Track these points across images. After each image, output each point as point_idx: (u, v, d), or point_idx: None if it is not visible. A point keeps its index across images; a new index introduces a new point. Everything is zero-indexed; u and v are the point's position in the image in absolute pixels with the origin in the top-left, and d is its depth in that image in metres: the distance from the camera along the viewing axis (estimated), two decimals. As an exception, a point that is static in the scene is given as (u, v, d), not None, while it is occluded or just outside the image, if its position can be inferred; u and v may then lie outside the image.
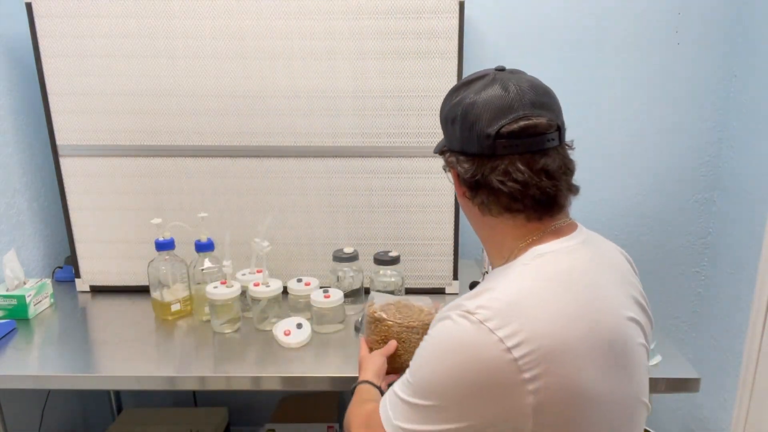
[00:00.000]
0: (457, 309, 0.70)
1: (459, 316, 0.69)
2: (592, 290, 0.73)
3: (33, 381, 1.22)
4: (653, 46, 1.66)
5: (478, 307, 0.68)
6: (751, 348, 1.53)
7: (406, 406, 0.73)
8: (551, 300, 0.69)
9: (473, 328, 0.67)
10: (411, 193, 1.52)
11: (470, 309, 0.68)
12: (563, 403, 0.66)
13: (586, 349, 0.68)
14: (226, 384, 1.21)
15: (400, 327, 1.08)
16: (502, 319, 0.67)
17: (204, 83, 1.45)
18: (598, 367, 0.69)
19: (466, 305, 0.69)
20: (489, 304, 0.68)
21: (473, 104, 0.76)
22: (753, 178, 1.58)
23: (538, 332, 0.66)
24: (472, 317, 0.68)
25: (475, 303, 0.69)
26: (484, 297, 0.70)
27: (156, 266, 1.42)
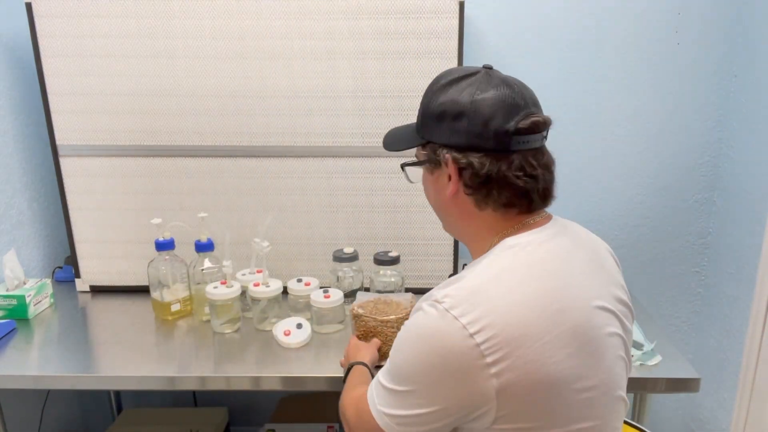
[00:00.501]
0: (428, 299, 0.74)
1: (428, 305, 0.73)
2: (559, 278, 0.76)
3: (33, 381, 1.22)
4: (653, 46, 1.66)
5: (445, 296, 0.72)
6: (751, 348, 1.53)
7: (385, 391, 0.77)
8: (515, 287, 0.73)
9: (439, 315, 0.71)
10: (411, 193, 1.52)
11: (438, 298, 0.72)
12: (526, 386, 0.69)
13: (549, 335, 0.71)
14: (226, 384, 1.21)
15: (376, 321, 1.19)
16: (466, 306, 0.70)
17: (204, 83, 1.45)
18: (562, 353, 0.71)
19: (435, 295, 0.73)
20: (455, 293, 0.72)
21: (484, 100, 0.77)
22: (753, 178, 1.58)
23: (500, 318, 0.69)
24: (439, 306, 0.71)
25: (443, 292, 0.73)
26: (452, 286, 0.73)
27: (156, 266, 1.42)
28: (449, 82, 0.81)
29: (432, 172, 0.83)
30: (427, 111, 0.82)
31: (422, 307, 0.74)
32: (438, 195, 0.84)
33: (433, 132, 0.82)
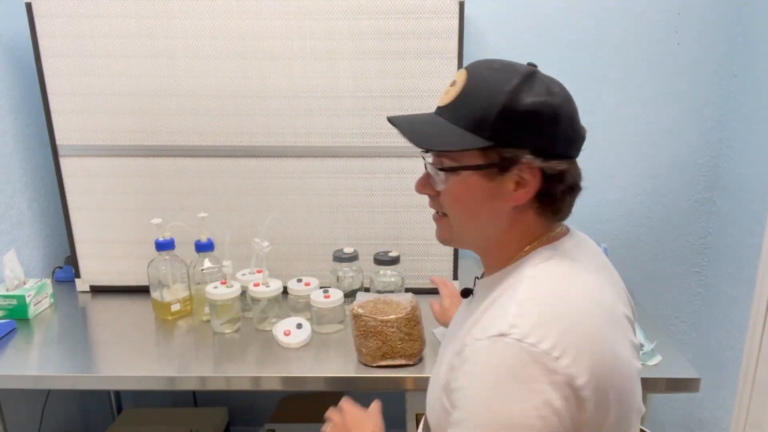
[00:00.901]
0: (492, 332, 0.66)
1: (494, 340, 0.65)
2: (605, 287, 0.75)
3: (33, 381, 1.22)
4: (653, 46, 1.66)
5: (512, 327, 0.65)
6: (751, 348, 1.53)
7: None
8: (581, 300, 0.70)
9: (516, 347, 0.64)
10: (411, 193, 1.50)
11: (503, 330, 0.65)
12: (613, 392, 0.66)
13: (620, 345, 0.70)
14: (226, 384, 1.21)
15: (376, 321, 1.18)
16: (542, 332, 0.64)
17: (204, 83, 1.45)
18: (631, 360, 0.72)
19: (500, 327, 0.66)
20: (522, 321, 0.65)
21: (569, 103, 0.73)
22: (753, 178, 1.58)
23: (576, 337, 0.65)
24: (509, 338, 0.64)
25: (507, 322, 0.66)
26: (513, 312, 0.67)
27: (156, 266, 1.42)
28: (525, 78, 0.71)
29: (493, 178, 0.72)
30: (504, 110, 0.70)
31: (490, 341, 0.65)
32: (489, 202, 0.74)
33: (511, 134, 0.70)
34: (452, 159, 0.74)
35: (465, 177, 0.73)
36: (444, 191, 0.76)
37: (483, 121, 0.70)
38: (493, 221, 0.76)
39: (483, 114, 0.71)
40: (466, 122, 0.72)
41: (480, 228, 0.77)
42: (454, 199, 0.76)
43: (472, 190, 0.74)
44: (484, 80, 0.72)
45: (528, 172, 0.71)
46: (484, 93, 0.71)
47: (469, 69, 0.75)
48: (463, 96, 0.73)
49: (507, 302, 0.70)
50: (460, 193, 0.75)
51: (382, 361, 1.21)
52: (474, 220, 0.76)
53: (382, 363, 1.21)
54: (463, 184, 0.74)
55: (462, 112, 0.72)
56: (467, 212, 0.76)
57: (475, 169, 0.72)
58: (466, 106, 0.72)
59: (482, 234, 0.78)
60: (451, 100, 0.74)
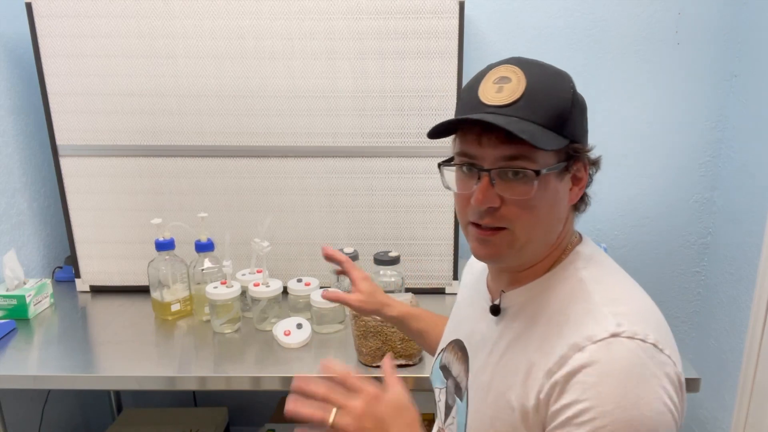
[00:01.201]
0: (600, 335, 0.63)
1: (611, 341, 0.62)
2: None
3: (33, 381, 1.22)
4: (653, 46, 1.66)
5: (619, 326, 0.63)
6: (751, 348, 1.53)
7: None
8: (641, 298, 0.71)
9: (632, 344, 0.62)
10: (411, 193, 1.52)
11: (614, 331, 0.62)
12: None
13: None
14: (226, 384, 1.21)
15: (376, 321, 1.17)
16: (643, 327, 0.64)
17: (204, 83, 1.45)
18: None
19: (606, 328, 0.63)
20: (624, 320, 0.64)
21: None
22: (753, 178, 1.58)
23: (662, 330, 0.66)
24: (624, 336, 0.62)
25: (612, 322, 0.63)
26: (608, 312, 0.65)
27: (156, 266, 1.42)
28: (562, 71, 0.71)
29: (562, 177, 0.70)
30: (574, 106, 0.68)
31: (601, 348, 0.62)
32: (558, 204, 0.71)
33: (575, 129, 0.69)
34: (531, 161, 0.66)
35: (546, 179, 0.67)
36: (523, 199, 0.67)
37: (559, 118, 0.67)
38: (557, 225, 0.72)
39: (559, 110, 0.67)
40: (543, 120, 0.66)
41: (547, 235, 0.71)
42: (534, 205, 0.68)
43: (551, 193, 0.69)
44: (546, 75, 0.69)
45: (581, 168, 0.71)
46: (552, 89, 0.68)
47: (517, 64, 0.70)
48: (531, 93, 0.66)
49: (587, 307, 0.66)
50: (542, 197, 0.68)
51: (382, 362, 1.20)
52: (544, 224, 0.70)
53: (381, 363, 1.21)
54: (545, 187, 0.67)
55: (535, 109, 0.66)
56: (543, 219, 0.69)
57: (555, 169, 0.68)
58: (538, 102, 0.66)
59: (546, 242, 0.72)
60: (517, 98, 0.66)
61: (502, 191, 0.67)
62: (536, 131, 0.65)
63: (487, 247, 0.71)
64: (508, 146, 0.65)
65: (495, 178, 0.67)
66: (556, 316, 0.68)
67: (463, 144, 0.69)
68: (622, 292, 0.70)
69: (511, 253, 0.70)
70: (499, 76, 0.68)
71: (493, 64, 0.71)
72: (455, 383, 0.82)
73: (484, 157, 0.67)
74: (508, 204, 0.67)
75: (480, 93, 0.68)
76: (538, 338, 0.68)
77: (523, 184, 0.66)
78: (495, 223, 0.69)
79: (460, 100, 0.72)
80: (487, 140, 0.66)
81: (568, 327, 0.66)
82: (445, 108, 1.45)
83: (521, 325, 0.72)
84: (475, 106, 0.68)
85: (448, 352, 0.86)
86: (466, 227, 0.72)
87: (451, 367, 0.84)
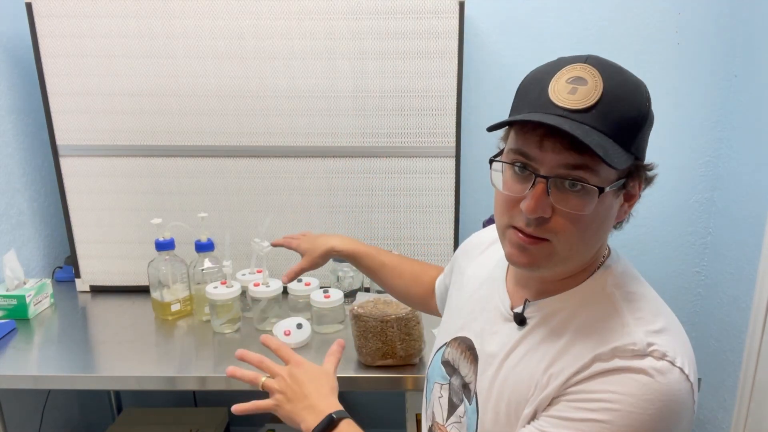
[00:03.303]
0: (627, 353, 0.62)
1: (640, 361, 0.62)
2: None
3: (33, 381, 1.22)
4: (653, 46, 1.66)
5: (649, 345, 0.62)
6: (751, 348, 1.53)
7: None
8: (669, 313, 0.71)
9: (660, 365, 0.62)
10: (411, 193, 1.52)
11: (643, 351, 0.62)
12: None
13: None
14: (226, 384, 1.21)
15: (376, 321, 1.18)
16: (672, 347, 0.63)
17: (204, 83, 1.45)
18: None
19: (635, 347, 0.62)
20: (655, 339, 0.63)
21: None
22: (753, 178, 1.58)
23: (687, 349, 0.66)
24: (655, 357, 0.62)
25: (642, 341, 0.62)
26: (640, 331, 0.64)
27: (156, 266, 1.42)
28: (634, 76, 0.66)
29: (618, 194, 0.66)
30: (647, 121, 0.64)
31: (629, 366, 0.61)
32: (610, 220, 0.67)
33: (642, 145, 0.65)
34: (593, 174, 0.61)
35: (604, 196, 0.62)
36: (577, 214, 0.62)
37: (630, 133, 0.62)
38: (600, 241, 0.68)
39: (632, 125, 0.62)
40: (614, 132, 0.61)
41: (588, 251, 0.68)
42: (589, 221, 0.63)
43: (605, 210, 0.65)
44: (624, 84, 0.63)
45: (636, 185, 0.67)
46: (629, 101, 0.62)
47: (595, 65, 0.65)
48: (607, 101, 0.61)
49: (617, 324, 0.65)
50: (596, 214, 0.63)
51: (382, 361, 1.21)
52: (589, 241, 0.66)
53: (382, 363, 1.21)
54: (601, 203, 0.63)
55: (609, 119, 0.61)
56: (589, 234, 0.65)
57: (615, 186, 0.63)
58: (613, 112, 0.61)
59: (586, 257, 0.69)
60: (592, 104, 0.61)
61: (557, 202, 0.62)
62: (608, 145, 0.60)
63: (525, 256, 0.66)
64: (572, 155, 0.60)
65: (552, 187, 0.62)
66: (583, 330, 0.66)
67: (521, 142, 0.64)
68: (652, 311, 0.68)
69: (549, 264, 0.67)
70: (575, 76, 0.64)
71: (566, 58, 0.66)
72: (462, 383, 0.78)
73: (543, 161, 0.62)
74: (559, 215, 0.63)
75: (551, 91, 0.63)
76: (558, 351, 0.67)
77: (581, 197, 0.62)
78: (540, 233, 0.64)
79: (526, 92, 0.67)
80: (551, 144, 0.61)
81: (594, 341, 0.64)
82: (445, 108, 1.45)
83: (542, 335, 0.70)
84: (543, 105, 0.62)
85: (453, 348, 0.82)
86: (505, 230, 0.68)
87: (458, 365, 0.81)
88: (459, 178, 1.49)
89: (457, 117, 1.45)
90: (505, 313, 0.76)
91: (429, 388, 0.87)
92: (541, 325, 0.71)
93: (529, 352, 0.70)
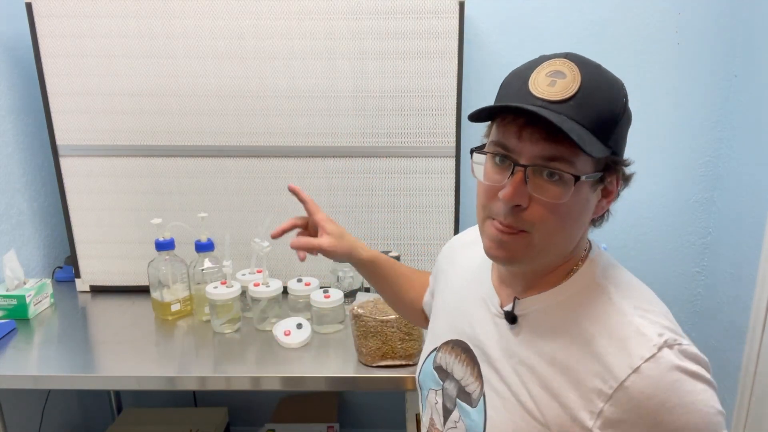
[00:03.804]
0: (646, 347, 0.63)
1: (659, 353, 0.64)
2: None
3: (33, 381, 1.22)
4: (653, 46, 1.66)
5: (660, 336, 0.65)
6: (751, 348, 1.53)
7: None
8: (658, 301, 0.74)
9: (679, 350, 0.65)
10: (411, 193, 1.52)
11: (658, 343, 0.63)
12: None
13: None
14: (226, 384, 1.21)
15: (376, 321, 1.18)
16: (678, 332, 0.68)
17: (204, 83, 1.45)
18: None
19: (650, 339, 0.64)
20: (662, 329, 0.66)
21: None
22: (753, 178, 1.58)
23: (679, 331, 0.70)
24: (670, 343, 0.64)
25: (653, 332, 0.65)
26: (647, 322, 0.66)
27: (156, 266, 1.42)
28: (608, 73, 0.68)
29: (595, 187, 0.68)
30: (622, 115, 0.68)
31: (650, 363, 0.63)
32: (585, 214, 0.69)
33: (619, 140, 0.68)
34: (570, 165, 0.63)
35: (581, 187, 0.64)
36: (553, 203, 0.64)
37: (607, 126, 0.64)
38: (576, 235, 0.70)
39: (609, 118, 0.65)
40: (591, 124, 0.63)
41: (565, 244, 0.69)
42: (565, 212, 0.65)
43: (581, 202, 0.66)
44: (601, 79, 0.66)
45: (614, 181, 0.69)
46: (605, 94, 0.65)
47: (574, 61, 0.67)
48: (584, 93, 0.63)
49: (621, 319, 0.66)
50: (572, 205, 0.65)
51: (382, 361, 1.21)
52: (566, 233, 0.68)
53: (382, 363, 1.21)
54: (578, 194, 0.64)
55: (585, 111, 0.63)
56: (566, 226, 0.67)
57: (592, 177, 0.65)
58: (590, 105, 0.63)
59: (562, 251, 0.70)
60: (569, 96, 0.63)
61: (534, 190, 0.64)
62: (584, 134, 0.62)
63: (502, 249, 0.68)
64: (549, 145, 0.62)
65: (530, 175, 0.64)
66: (588, 328, 0.66)
67: (501, 133, 0.66)
68: (643, 299, 0.70)
69: (526, 258, 0.68)
70: (554, 70, 0.65)
71: (546, 55, 0.69)
72: (458, 387, 0.78)
73: (522, 151, 0.64)
74: (536, 205, 0.64)
75: (531, 84, 0.65)
76: (567, 351, 0.67)
77: (558, 186, 0.63)
78: (518, 224, 0.66)
79: (507, 86, 0.69)
80: (529, 134, 0.63)
81: (607, 341, 0.65)
82: (445, 108, 1.45)
83: (542, 338, 0.69)
84: (523, 96, 0.64)
85: (444, 352, 0.82)
86: (484, 222, 0.69)
87: (451, 369, 0.80)
88: (459, 178, 1.49)
89: (457, 117, 1.45)
90: (496, 312, 0.76)
91: (423, 395, 0.86)
92: (538, 323, 0.71)
93: (537, 354, 0.69)
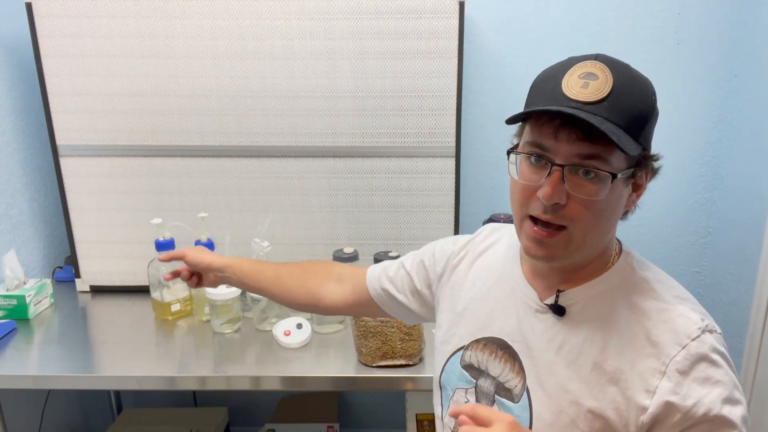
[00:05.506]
0: (691, 333, 0.68)
1: (704, 336, 0.68)
2: None
3: (33, 381, 1.22)
4: (653, 46, 1.66)
5: (703, 320, 0.69)
6: (751, 348, 1.53)
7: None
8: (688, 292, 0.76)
9: (716, 337, 0.70)
10: (411, 193, 1.52)
11: (702, 327, 0.68)
12: None
13: None
14: (226, 384, 1.21)
15: (376, 321, 1.18)
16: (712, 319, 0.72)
17: (204, 83, 1.45)
18: None
19: (695, 323, 0.69)
20: (702, 317, 0.70)
21: None
22: (753, 178, 1.58)
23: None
24: (711, 329, 0.70)
25: (696, 318, 0.69)
26: (688, 309, 0.70)
27: (156, 266, 1.42)
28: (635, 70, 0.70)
29: (627, 183, 0.70)
30: (654, 113, 0.69)
31: (697, 345, 0.67)
32: (620, 209, 0.71)
33: (648, 136, 0.70)
34: (605, 163, 0.65)
35: (616, 183, 0.67)
36: (590, 200, 0.66)
37: (639, 124, 0.66)
38: (611, 229, 0.72)
39: (640, 116, 0.67)
40: (625, 123, 0.65)
41: (601, 238, 0.72)
42: (601, 208, 0.67)
43: (616, 197, 0.69)
44: (632, 78, 0.68)
45: (644, 176, 0.71)
46: (637, 93, 0.67)
47: (604, 62, 0.68)
48: (617, 93, 0.65)
49: (664, 306, 0.70)
50: (608, 201, 0.67)
51: (382, 361, 1.21)
52: (602, 228, 0.70)
53: (382, 363, 1.21)
54: (613, 190, 0.67)
55: (619, 111, 0.65)
56: (602, 221, 0.69)
57: (626, 174, 0.68)
58: (623, 104, 0.65)
59: (598, 245, 0.73)
60: (603, 97, 0.65)
61: (572, 188, 0.66)
62: (620, 134, 0.64)
63: (543, 248, 0.70)
64: (586, 144, 0.64)
65: (567, 174, 0.66)
66: (636, 314, 0.70)
67: (537, 134, 0.67)
68: (680, 289, 0.74)
69: (566, 253, 0.70)
70: (586, 72, 0.67)
71: (576, 57, 0.71)
72: (496, 384, 0.78)
73: (558, 151, 0.66)
74: (574, 202, 0.67)
75: (564, 86, 0.67)
76: (619, 336, 0.70)
77: (594, 184, 0.66)
78: (556, 220, 0.68)
79: (539, 89, 0.71)
80: (565, 135, 0.65)
81: (656, 324, 0.69)
82: (445, 108, 1.45)
83: (591, 325, 0.72)
84: (557, 99, 0.66)
85: (476, 350, 0.81)
86: (522, 221, 0.71)
87: (486, 366, 0.79)
88: (459, 178, 1.49)
89: (457, 117, 1.45)
90: (536, 306, 0.77)
91: (447, 395, 0.85)
92: (582, 313, 0.73)
93: (585, 344, 0.72)
